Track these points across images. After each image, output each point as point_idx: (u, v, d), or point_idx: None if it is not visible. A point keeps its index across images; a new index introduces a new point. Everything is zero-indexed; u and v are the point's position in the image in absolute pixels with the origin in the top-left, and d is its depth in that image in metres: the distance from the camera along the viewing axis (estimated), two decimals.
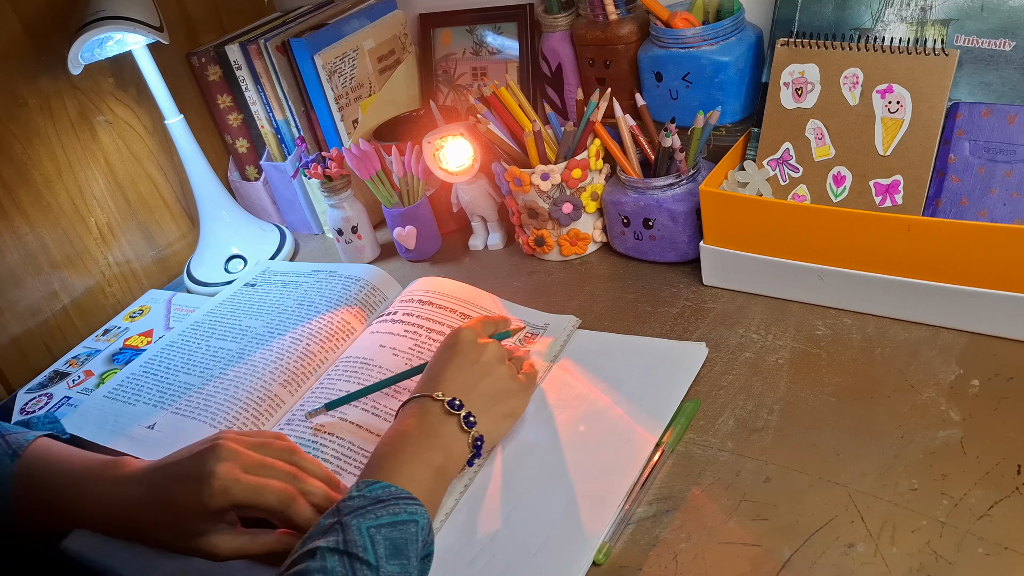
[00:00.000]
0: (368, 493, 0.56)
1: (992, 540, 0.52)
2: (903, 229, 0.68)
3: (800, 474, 0.60)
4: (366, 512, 0.54)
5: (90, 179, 1.05)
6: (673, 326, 0.79)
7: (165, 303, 1.04)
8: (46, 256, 1.01)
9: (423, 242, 1.01)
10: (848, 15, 0.79)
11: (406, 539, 0.54)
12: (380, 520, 0.54)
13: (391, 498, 0.56)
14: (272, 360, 0.83)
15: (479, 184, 0.98)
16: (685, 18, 0.87)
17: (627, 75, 0.94)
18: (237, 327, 0.90)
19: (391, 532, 0.54)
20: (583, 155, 0.88)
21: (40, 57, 0.98)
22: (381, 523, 0.54)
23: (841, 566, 0.53)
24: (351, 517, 0.54)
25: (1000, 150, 0.71)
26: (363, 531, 0.53)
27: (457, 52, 1.13)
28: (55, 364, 0.98)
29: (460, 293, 0.87)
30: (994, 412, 0.62)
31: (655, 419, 0.67)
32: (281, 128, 1.09)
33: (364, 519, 0.54)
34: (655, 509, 0.61)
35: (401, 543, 0.54)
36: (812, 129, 0.80)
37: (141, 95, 1.09)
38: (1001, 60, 0.72)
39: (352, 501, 0.55)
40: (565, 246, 0.93)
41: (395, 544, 0.53)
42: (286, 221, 1.19)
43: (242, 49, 1.04)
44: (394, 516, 0.55)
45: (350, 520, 0.54)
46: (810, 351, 0.72)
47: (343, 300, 0.90)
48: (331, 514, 0.55)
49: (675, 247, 0.86)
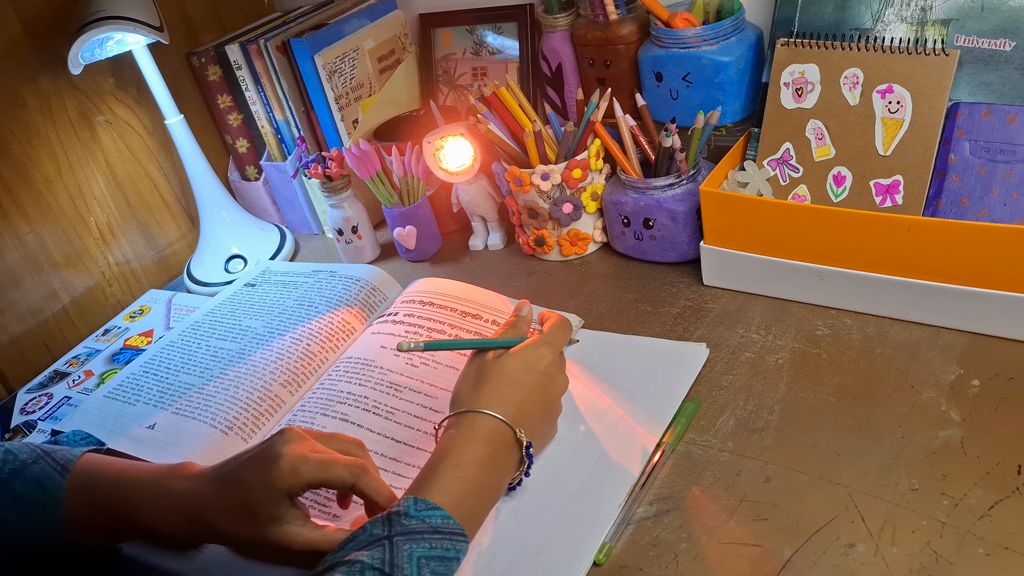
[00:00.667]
0: (427, 519, 0.53)
1: (992, 540, 0.52)
2: (903, 229, 0.68)
3: (800, 474, 0.60)
4: (421, 539, 0.52)
5: (90, 179, 1.05)
6: (673, 326, 0.79)
7: (165, 303, 1.04)
8: (46, 256, 1.01)
9: (423, 242, 1.01)
10: (848, 15, 0.79)
11: (448, 575, 0.53)
12: (432, 552, 0.52)
13: (448, 532, 0.53)
14: (272, 360, 0.83)
15: (479, 184, 0.98)
16: (685, 18, 0.87)
17: (627, 75, 0.94)
18: (237, 327, 0.90)
19: (439, 567, 0.52)
20: (583, 155, 0.88)
21: (40, 57, 0.98)
22: (432, 555, 0.52)
23: (841, 566, 0.53)
24: (404, 539, 0.51)
25: (1000, 150, 0.72)
26: (413, 559, 0.51)
27: (457, 52, 1.13)
28: (55, 364, 0.98)
29: (461, 293, 0.87)
30: (994, 412, 0.62)
31: (655, 419, 0.67)
32: (281, 128, 1.09)
33: (417, 546, 0.51)
34: (655, 509, 0.61)
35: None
36: (812, 129, 0.80)
37: (141, 95, 1.09)
38: (1001, 60, 0.72)
39: (408, 521, 0.53)
40: (565, 246, 0.93)
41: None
42: (286, 221, 1.19)
43: (242, 49, 1.04)
44: (445, 551, 0.52)
45: (401, 542, 0.51)
46: (810, 351, 0.72)
47: (343, 300, 0.90)
48: (381, 524, 0.53)
49: (675, 247, 0.86)
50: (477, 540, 0.60)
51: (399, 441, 0.71)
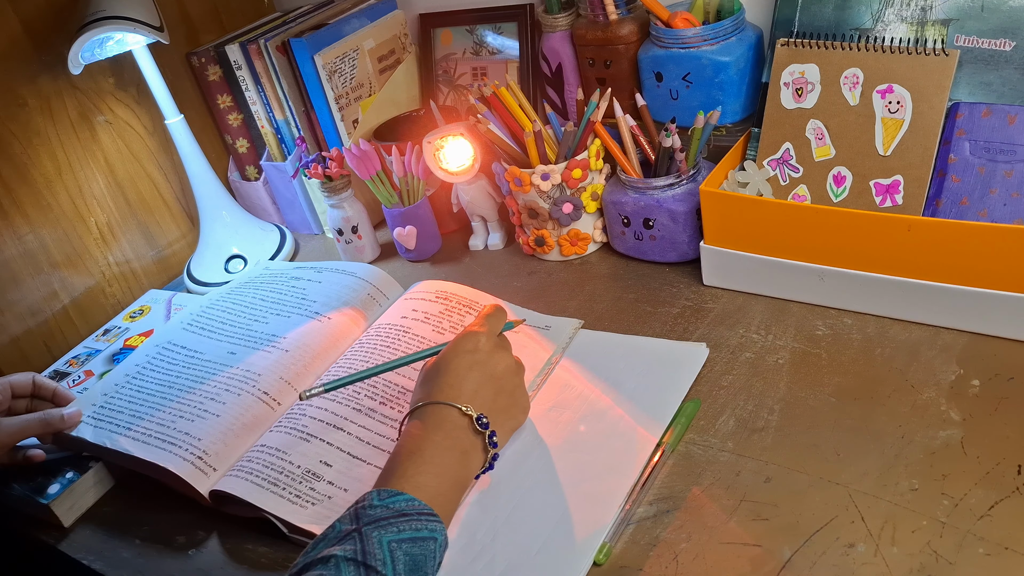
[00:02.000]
0: (391, 504, 0.54)
1: (992, 540, 0.52)
2: (903, 229, 0.68)
3: (800, 474, 0.60)
4: (388, 524, 0.53)
5: (90, 179, 1.05)
6: (673, 326, 0.79)
7: (165, 303, 1.04)
8: (46, 256, 1.01)
9: (423, 242, 1.01)
10: (848, 15, 0.79)
11: (425, 556, 0.53)
12: (402, 535, 0.53)
13: (415, 512, 0.54)
14: (272, 360, 0.83)
15: (479, 184, 0.98)
16: (685, 18, 0.87)
17: (627, 75, 0.94)
18: (237, 327, 0.90)
19: (412, 548, 0.53)
20: (583, 155, 0.88)
21: (40, 57, 0.98)
22: (402, 538, 0.53)
23: (841, 566, 0.53)
24: (372, 528, 0.52)
25: (1000, 150, 0.72)
26: (383, 544, 0.52)
27: (457, 52, 1.13)
28: (55, 364, 0.98)
29: (463, 293, 0.87)
30: (994, 412, 0.62)
31: (656, 419, 0.67)
32: (281, 128, 1.09)
33: (386, 532, 0.52)
34: (655, 509, 0.61)
35: (420, 560, 0.53)
36: (812, 129, 0.80)
37: (141, 95, 1.09)
38: (1001, 60, 0.72)
39: (373, 511, 0.54)
40: (565, 246, 0.93)
41: (415, 561, 0.52)
42: (286, 221, 1.19)
43: (242, 49, 1.04)
44: (416, 532, 0.53)
45: (370, 531, 0.52)
46: (810, 351, 0.72)
47: (343, 300, 0.90)
48: (349, 519, 0.54)
49: (675, 247, 0.86)
50: (477, 540, 0.60)
51: None
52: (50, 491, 0.74)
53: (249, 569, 0.65)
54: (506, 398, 0.67)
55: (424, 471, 0.58)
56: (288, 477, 0.68)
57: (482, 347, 0.67)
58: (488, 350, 0.67)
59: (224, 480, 0.70)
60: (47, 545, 0.74)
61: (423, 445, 0.60)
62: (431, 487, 0.58)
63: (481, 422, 0.63)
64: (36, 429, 0.76)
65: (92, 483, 0.77)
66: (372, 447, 0.70)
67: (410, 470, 0.58)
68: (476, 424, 0.63)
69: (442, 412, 0.63)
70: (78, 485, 0.76)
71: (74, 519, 0.75)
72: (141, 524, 0.73)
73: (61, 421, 0.77)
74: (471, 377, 0.65)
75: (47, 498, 0.74)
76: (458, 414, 0.63)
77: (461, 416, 0.63)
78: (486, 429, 0.63)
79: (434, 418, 0.63)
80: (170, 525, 0.72)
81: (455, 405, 0.63)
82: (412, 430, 0.62)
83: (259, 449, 0.72)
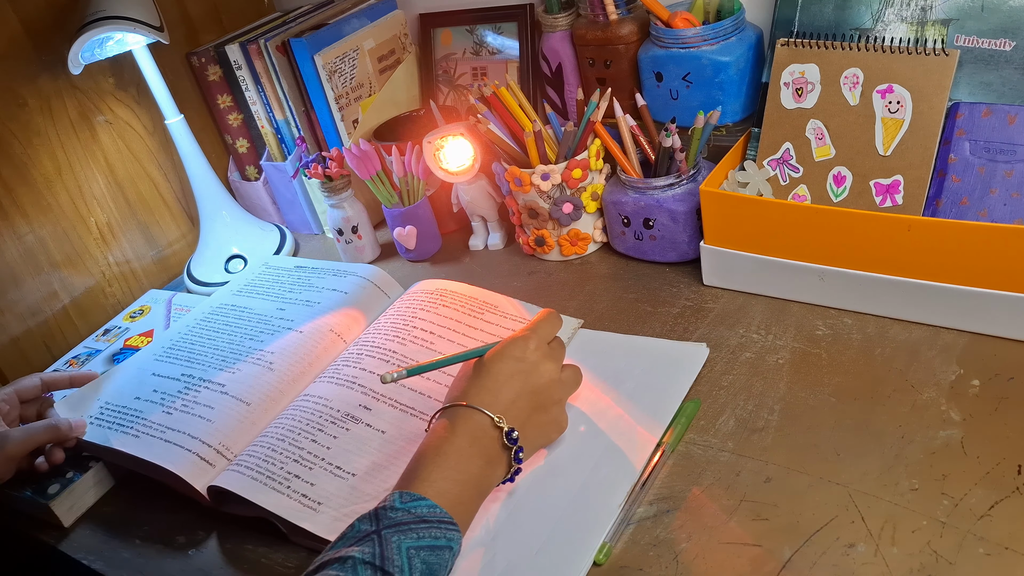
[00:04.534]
0: (413, 509, 0.54)
1: (993, 540, 0.52)
2: (903, 229, 0.68)
3: (800, 474, 0.60)
4: (408, 530, 0.53)
5: (90, 179, 1.05)
6: (673, 326, 0.79)
7: (165, 303, 1.04)
8: (46, 256, 1.01)
9: (423, 242, 1.01)
10: (848, 15, 0.79)
11: (440, 565, 0.53)
12: (421, 542, 0.52)
13: (435, 520, 0.54)
14: (272, 359, 0.83)
15: (479, 184, 0.98)
16: (685, 18, 0.87)
17: (627, 75, 0.94)
18: (237, 326, 0.90)
19: (429, 556, 0.52)
20: (583, 155, 0.88)
21: (40, 57, 0.98)
22: (421, 545, 0.52)
23: (842, 566, 0.53)
24: (392, 531, 0.52)
25: (1000, 150, 0.72)
26: (402, 550, 0.51)
27: (457, 52, 1.13)
28: (55, 364, 0.98)
29: (465, 293, 0.87)
30: (994, 412, 0.62)
31: (656, 419, 0.67)
32: (281, 128, 1.09)
33: (405, 537, 0.52)
34: (656, 509, 0.61)
35: (436, 568, 0.53)
36: (812, 129, 0.80)
37: (141, 95, 1.09)
38: (1001, 60, 0.72)
39: (395, 514, 0.54)
40: (565, 246, 0.93)
41: (431, 569, 0.52)
42: (286, 221, 1.19)
43: (242, 49, 1.04)
44: (434, 540, 0.53)
45: (390, 535, 0.52)
46: (810, 351, 0.72)
47: (343, 300, 0.90)
48: (369, 520, 0.54)
49: (675, 247, 0.86)
50: (477, 540, 0.60)
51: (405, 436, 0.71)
52: (50, 491, 0.74)
53: (249, 569, 0.65)
54: (543, 414, 0.65)
55: (447, 477, 0.58)
56: (286, 473, 0.68)
57: (529, 356, 0.65)
58: (534, 360, 0.65)
59: (222, 476, 0.70)
60: (47, 545, 0.74)
61: (450, 449, 0.59)
62: (453, 494, 0.57)
63: (511, 437, 0.61)
64: (43, 438, 0.75)
65: (92, 483, 0.77)
66: (372, 447, 0.70)
67: (434, 474, 0.57)
68: (506, 438, 0.61)
69: (475, 418, 0.61)
70: (78, 485, 0.76)
71: (74, 519, 0.75)
72: (141, 524, 0.73)
73: (69, 429, 0.76)
74: (511, 386, 0.63)
75: (47, 498, 0.74)
76: (490, 424, 0.61)
77: (493, 427, 0.61)
78: (514, 444, 0.62)
79: (466, 423, 0.61)
80: (170, 525, 0.72)
81: (489, 414, 0.61)
82: (441, 431, 0.61)
83: (258, 445, 0.72)
